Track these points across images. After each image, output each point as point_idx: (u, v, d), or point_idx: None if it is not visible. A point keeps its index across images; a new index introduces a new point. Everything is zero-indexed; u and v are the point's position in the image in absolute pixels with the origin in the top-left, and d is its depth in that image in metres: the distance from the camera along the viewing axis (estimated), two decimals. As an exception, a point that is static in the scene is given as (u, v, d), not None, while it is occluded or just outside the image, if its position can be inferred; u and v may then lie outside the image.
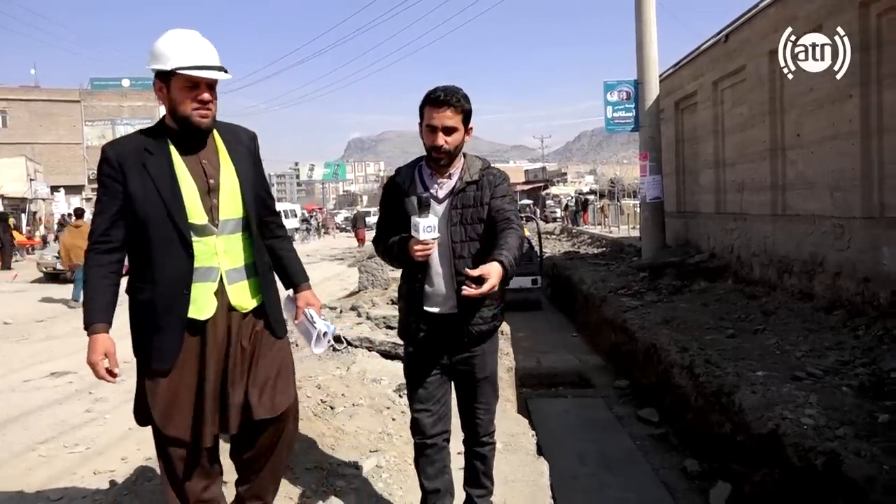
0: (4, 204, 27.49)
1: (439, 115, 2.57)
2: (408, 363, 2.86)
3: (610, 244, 19.30)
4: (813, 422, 4.46)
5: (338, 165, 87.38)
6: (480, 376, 2.77)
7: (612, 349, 9.41)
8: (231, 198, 2.39)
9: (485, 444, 2.86)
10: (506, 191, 2.73)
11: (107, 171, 2.30)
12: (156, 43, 2.30)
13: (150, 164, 2.28)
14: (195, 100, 2.29)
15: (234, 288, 2.40)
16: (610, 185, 42.74)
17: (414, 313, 2.74)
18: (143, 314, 2.34)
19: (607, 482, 5.46)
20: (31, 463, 4.72)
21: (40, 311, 11.94)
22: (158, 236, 2.28)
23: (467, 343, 2.71)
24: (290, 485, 3.08)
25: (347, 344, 5.48)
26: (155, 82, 2.31)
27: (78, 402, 6.24)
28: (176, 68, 2.23)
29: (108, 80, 49.14)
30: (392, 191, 2.77)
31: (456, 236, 2.64)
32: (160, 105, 2.43)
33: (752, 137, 10.29)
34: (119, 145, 2.37)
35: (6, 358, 8.28)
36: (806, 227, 8.65)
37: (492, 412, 2.86)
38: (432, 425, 2.77)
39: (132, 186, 2.28)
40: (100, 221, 2.32)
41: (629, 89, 13.71)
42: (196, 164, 2.35)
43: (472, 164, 2.73)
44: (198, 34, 2.33)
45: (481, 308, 2.68)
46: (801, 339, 6.71)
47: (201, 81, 2.28)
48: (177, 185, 2.30)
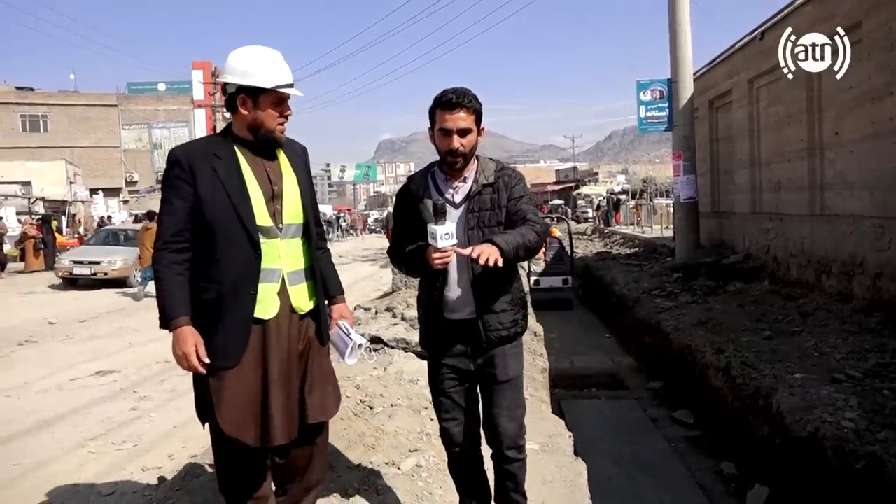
0: (46, 206, 28.23)
1: (453, 118, 2.54)
2: (432, 373, 2.80)
3: (643, 244, 19.15)
4: (853, 425, 4.41)
5: (368, 167, 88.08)
6: (502, 378, 2.67)
7: (645, 350, 9.36)
8: (293, 204, 2.50)
9: (510, 459, 2.69)
10: (522, 191, 2.67)
11: (177, 173, 2.38)
12: (241, 59, 2.40)
13: (219, 168, 2.38)
14: (281, 115, 2.44)
15: (294, 290, 2.49)
16: (643, 185, 42.33)
17: (434, 322, 2.70)
18: (207, 312, 2.37)
19: (642, 484, 5.43)
20: (82, 459, 4.89)
21: (83, 312, 12.27)
22: (226, 237, 2.35)
23: (486, 347, 2.65)
24: (332, 483, 3.16)
25: (384, 345, 5.55)
26: (239, 97, 2.40)
27: (123, 400, 6.43)
28: (275, 86, 2.37)
29: (144, 85, 50.17)
30: (406, 198, 2.73)
31: (474, 240, 2.55)
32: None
33: (788, 136, 10.16)
34: (188, 149, 2.46)
35: (53, 357, 8.53)
36: (845, 228, 8.52)
37: (516, 420, 2.70)
38: (461, 434, 2.72)
39: (202, 189, 2.35)
40: (171, 222, 2.38)
41: (662, 88, 13.61)
42: (261, 170, 2.45)
43: (486, 167, 2.68)
44: (280, 53, 2.46)
45: (500, 313, 2.63)
46: (840, 341, 6.63)
47: (286, 98, 2.43)
48: (245, 189, 2.39)
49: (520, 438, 2.70)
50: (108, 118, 45.75)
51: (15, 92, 44.13)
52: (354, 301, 11.80)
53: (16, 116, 42.98)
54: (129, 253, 16.19)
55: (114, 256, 16.35)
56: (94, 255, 16.62)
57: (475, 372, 2.68)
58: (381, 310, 7.76)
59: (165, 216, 2.40)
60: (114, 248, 17.07)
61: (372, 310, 8.10)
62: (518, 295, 2.72)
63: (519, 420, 2.71)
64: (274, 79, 2.38)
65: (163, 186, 2.45)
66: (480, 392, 2.75)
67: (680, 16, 13.00)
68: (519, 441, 2.70)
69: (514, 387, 2.70)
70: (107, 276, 15.98)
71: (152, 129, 47.18)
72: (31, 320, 11.27)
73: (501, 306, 2.62)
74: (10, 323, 10.99)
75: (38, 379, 7.34)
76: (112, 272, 16.04)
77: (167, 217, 2.39)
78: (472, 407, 2.75)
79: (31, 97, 44.30)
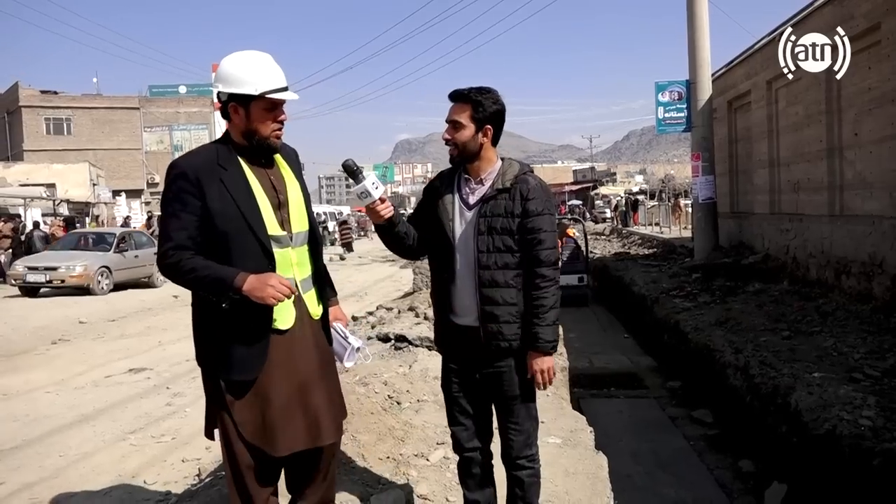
0: (70, 208, 28.69)
1: (449, 110, 2.57)
2: (442, 376, 2.76)
3: (661, 245, 19.16)
4: (871, 423, 4.45)
5: (386, 167, 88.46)
6: (510, 394, 2.60)
7: (664, 350, 9.43)
8: (298, 211, 2.44)
9: (521, 467, 2.65)
10: (540, 208, 2.53)
11: (184, 185, 2.26)
12: (230, 66, 2.30)
13: (226, 179, 2.28)
14: (275, 121, 2.35)
15: (306, 297, 2.46)
16: (661, 185, 42.14)
17: (443, 324, 2.70)
18: (223, 325, 2.28)
19: (662, 481, 5.48)
20: (124, 451, 5.11)
21: (112, 311, 12.56)
22: (238, 249, 2.27)
23: (491, 357, 2.57)
24: (365, 473, 3.32)
25: (409, 343, 5.72)
26: (230, 106, 2.31)
27: (157, 396, 6.65)
28: (264, 93, 2.27)
29: (165, 87, 50.67)
30: (428, 192, 2.75)
31: (482, 245, 2.52)
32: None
33: (807, 137, 10.18)
34: (193, 161, 2.33)
35: (86, 355, 8.80)
36: (865, 228, 8.54)
37: (525, 434, 2.64)
38: (468, 439, 2.68)
39: (212, 202, 2.25)
40: (182, 237, 2.25)
41: (681, 89, 13.65)
42: (265, 179, 2.38)
43: (507, 171, 2.59)
44: (270, 56, 2.37)
45: (502, 324, 2.53)
46: (859, 341, 6.65)
47: (280, 103, 2.34)
48: (253, 199, 2.32)
49: (528, 449, 2.65)
50: (131, 120, 46.38)
51: (40, 95, 44.82)
52: (376, 301, 12.00)
53: (41, 120, 43.68)
54: (94, 258, 14.90)
55: (73, 262, 14.60)
56: (51, 260, 14.89)
57: (482, 382, 2.63)
58: (404, 309, 7.93)
59: (175, 231, 2.25)
60: (77, 253, 15.38)
61: (394, 309, 8.27)
62: (524, 308, 2.57)
63: (527, 432, 2.65)
64: (264, 84, 2.27)
65: (167, 200, 2.30)
66: (493, 403, 2.70)
67: (698, 17, 13.04)
68: (527, 451, 2.65)
69: (523, 403, 2.63)
70: (64, 283, 14.40)
71: (173, 131, 47.74)
72: (61, 319, 11.58)
73: (505, 317, 2.53)
74: (42, 322, 11.32)
75: (74, 376, 7.60)
76: (70, 279, 14.37)
77: (176, 231, 2.25)
78: (483, 415, 2.71)
79: (56, 100, 45.00)
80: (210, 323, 2.31)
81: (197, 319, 2.38)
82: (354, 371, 4.51)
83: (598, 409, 7.42)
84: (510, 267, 2.54)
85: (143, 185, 45.48)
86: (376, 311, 9.14)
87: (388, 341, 6.02)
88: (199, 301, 2.35)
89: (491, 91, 2.57)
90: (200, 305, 2.35)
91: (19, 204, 24.86)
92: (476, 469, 2.72)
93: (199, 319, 2.37)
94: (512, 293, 2.55)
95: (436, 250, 2.69)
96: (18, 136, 43.19)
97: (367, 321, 8.13)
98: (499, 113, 2.58)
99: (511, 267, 2.54)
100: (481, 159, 2.61)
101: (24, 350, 9.31)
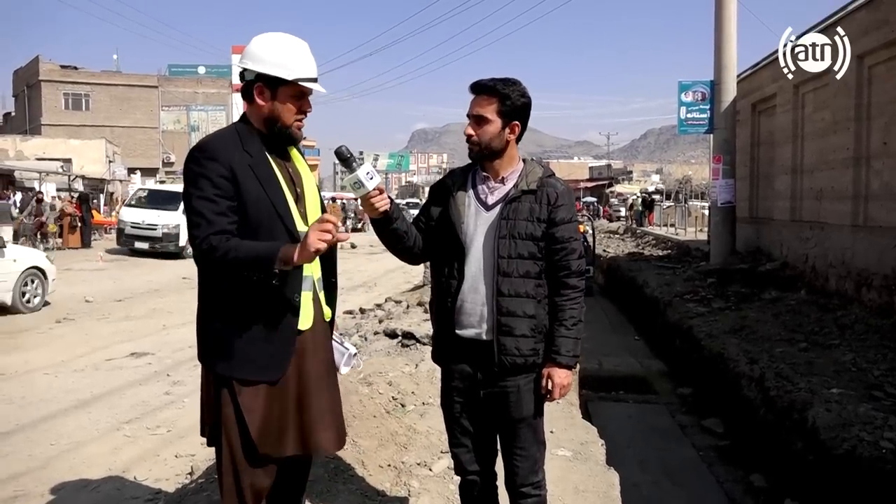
0: (85, 184, 28.78)
1: (472, 103, 2.37)
2: (442, 394, 2.55)
3: (676, 247, 18.93)
4: (893, 445, 4.32)
5: (402, 156, 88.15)
6: (516, 416, 2.41)
7: (675, 355, 9.26)
8: (313, 206, 2.34)
9: (526, 495, 2.48)
10: (569, 216, 2.39)
11: (217, 169, 2.11)
12: (264, 46, 2.21)
13: (255, 167, 2.17)
14: (300, 111, 2.24)
15: (322, 297, 2.36)
16: (678, 185, 41.77)
17: (444, 336, 2.47)
18: (246, 323, 2.14)
19: (669, 492, 5.36)
20: (117, 442, 5.00)
21: (119, 291, 12.51)
22: (266, 239, 2.13)
23: (498, 373, 2.37)
24: (365, 482, 3.18)
25: (416, 341, 5.57)
26: (256, 86, 2.21)
27: (157, 383, 6.56)
28: (297, 79, 2.18)
29: (184, 67, 50.74)
30: (438, 190, 2.54)
31: (503, 250, 2.32)
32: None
33: (834, 144, 9.92)
34: (221, 144, 2.19)
35: (89, 336, 8.74)
36: (889, 240, 8.31)
37: (531, 460, 2.47)
38: (471, 462, 2.51)
39: (245, 188, 2.13)
40: (223, 222, 2.09)
41: (705, 90, 13.39)
42: (285, 171, 2.26)
43: (531, 171, 2.41)
44: (307, 45, 2.27)
45: (519, 338, 2.34)
46: (879, 356, 6.47)
47: (308, 93, 2.24)
48: (281, 189, 2.21)
49: (533, 476, 2.49)
50: (149, 99, 46.57)
51: (60, 70, 45.05)
52: (385, 293, 11.88)
53: (59, 94, 43.94)
54: None
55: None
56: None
57: (486, 401, 2.42)
58: (413, 304, 7.80)
59: (212, 213, 2.08)
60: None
61: (403, 303, 8.14)
62: (542, 321, 2.39)
63: (533, 458, 2.48)
64: (297, 71, 2.18)
65: (193, 180, 2.13)
66: (497, 424, 2.50)
67: (726, 17, 12.75)
68: (533, 478, 2.49)
69: (531, 427, 2.45)
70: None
71: (190, 112, 47.84)
72: (68, 297, 11.52)
73: (522, 330, 2.33)
74: (49, 298, 11.24)
75: (74, 358, 7.52)
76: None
77: (215, 215, 2.08)
78: (486, 436, 2.52)
79: (75, 76, 45.23)
80: (231, 322, 2.15)
81: (206, 315, 2.22)
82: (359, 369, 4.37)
83: (607, 414, 7.29)
84: (531, 276, 2.36)
85: (159, 164, 45.65)
86: (385, 303, 9.01)
87: (395, 338, 5.88)
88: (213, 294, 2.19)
89: (517, 82, 2.37)
90: (214, 299, 2.19)
91: (35, 178, 24.98)
92: (477, 492, 2.57)
93: (211, 314, 2.21)
94: (532, 305, 2.36)
95: (442, 254, 2.45)
96: (37, 109, 43.46)
97: (375, 315, 8.00)
98: (526, 107, 2.39)
99: (532, 276, 2.36)
100: (504, 157, 2.41)
101: (27, 328, 9.25)
